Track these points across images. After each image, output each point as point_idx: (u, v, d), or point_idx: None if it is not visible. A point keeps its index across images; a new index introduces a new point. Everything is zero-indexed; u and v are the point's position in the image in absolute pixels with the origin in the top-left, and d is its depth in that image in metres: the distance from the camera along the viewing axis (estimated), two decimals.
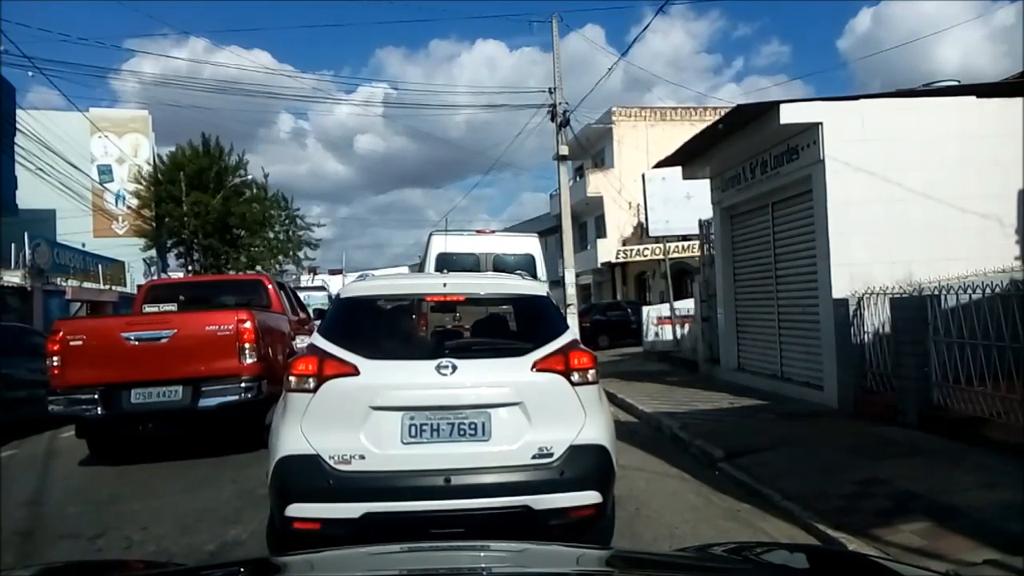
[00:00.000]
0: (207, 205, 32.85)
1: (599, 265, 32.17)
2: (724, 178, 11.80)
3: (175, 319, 7.38)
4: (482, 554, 2.03)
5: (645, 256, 28.64)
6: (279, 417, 3.91)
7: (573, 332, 4.28)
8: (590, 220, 35.66)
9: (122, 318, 8.98)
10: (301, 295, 12.97)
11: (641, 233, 30.94)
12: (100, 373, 7.03)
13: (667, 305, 18.48)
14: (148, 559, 3.48)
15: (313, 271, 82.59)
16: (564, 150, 17.17)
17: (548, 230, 45.63)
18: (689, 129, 33.18)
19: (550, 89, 17.60)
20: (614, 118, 31.89)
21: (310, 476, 3.61)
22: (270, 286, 9.51)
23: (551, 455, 3.72)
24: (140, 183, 34.19)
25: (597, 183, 31.81)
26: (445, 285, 4.53)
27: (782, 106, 8.60)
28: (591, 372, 3.93)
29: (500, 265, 10.66)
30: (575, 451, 3.74)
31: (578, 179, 34.61)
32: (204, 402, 7.08)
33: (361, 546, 2.07)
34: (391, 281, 5.64)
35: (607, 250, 31.60)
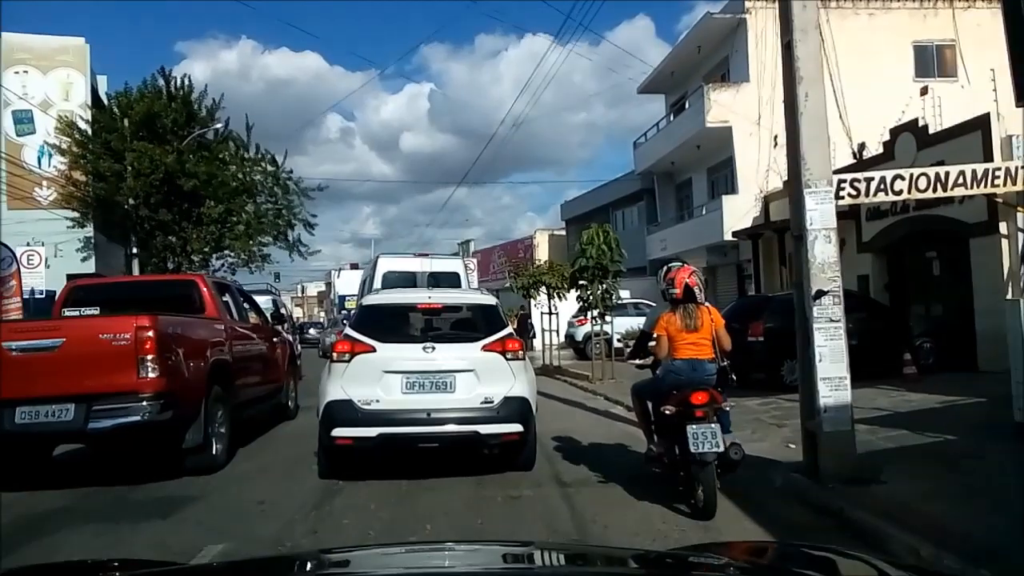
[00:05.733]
0: (154, 160, 22.97)
1: (723, 239, 20.69)
2: None
3: (65, 326, 6.79)
4: (481, 553, 2.12)
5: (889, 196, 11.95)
6: (326, 377, 6.52)
7: (509, 328, 6.92)
8: (700, 169, 24.45)
9: (3, 325, 8.89)
10: None
11: None
12: None
13: None
14: (148, 559, 3.06)
15: (354, 267, 73.11)
16: None
17: (627, 198, 33.81)
18: (867, 22, 21.62)
19: None
20: (747, 4, 20.42)
21: (347, 412, 6.25)
22: (204, 288, 8.50)
23: (492, 402, 6.35)
24: (71, 135, 24.47)
25: (720, 107, 20.35)
26: (430, 297, 7.46)
27: None
28: (520, 352, 6.66)
29: (434, 281, 12.73)
30: (507, 400, 6.38)
31: (687, 108, 23.32)
32: (95, 424, 6.32)
33: (360, 547, 2.40)
34: (395, 294, 8.50)
35: (738, 212, 20.23)
